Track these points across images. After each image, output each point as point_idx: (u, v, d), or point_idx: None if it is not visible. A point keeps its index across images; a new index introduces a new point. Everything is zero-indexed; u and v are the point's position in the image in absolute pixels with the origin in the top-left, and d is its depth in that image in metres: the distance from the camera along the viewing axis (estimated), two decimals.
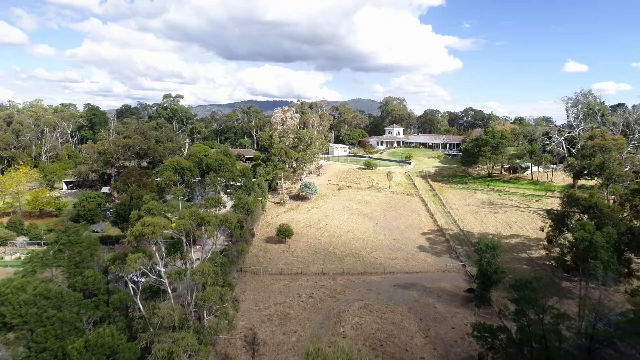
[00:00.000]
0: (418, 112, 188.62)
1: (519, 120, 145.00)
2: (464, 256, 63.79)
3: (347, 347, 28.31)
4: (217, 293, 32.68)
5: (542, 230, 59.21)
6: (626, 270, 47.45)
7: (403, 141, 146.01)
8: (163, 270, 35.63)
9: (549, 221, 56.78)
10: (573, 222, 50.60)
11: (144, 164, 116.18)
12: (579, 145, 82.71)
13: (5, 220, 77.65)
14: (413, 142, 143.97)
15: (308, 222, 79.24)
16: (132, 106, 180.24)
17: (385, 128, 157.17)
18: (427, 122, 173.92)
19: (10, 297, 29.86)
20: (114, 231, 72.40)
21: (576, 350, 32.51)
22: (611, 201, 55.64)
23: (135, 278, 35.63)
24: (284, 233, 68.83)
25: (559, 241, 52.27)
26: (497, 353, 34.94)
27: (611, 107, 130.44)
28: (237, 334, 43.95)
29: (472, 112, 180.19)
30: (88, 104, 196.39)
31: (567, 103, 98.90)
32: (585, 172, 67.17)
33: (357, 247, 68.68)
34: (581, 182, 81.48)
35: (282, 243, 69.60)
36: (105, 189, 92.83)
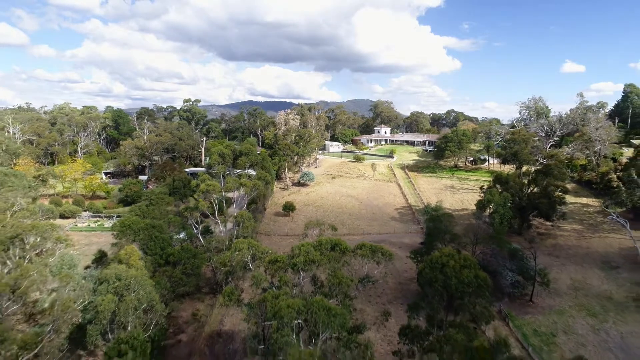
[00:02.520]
0: (407, 113, 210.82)
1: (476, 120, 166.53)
2: (423, 223, 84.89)
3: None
4: (251, 226, 53.73)
5: None
6: (526, 224, 68.70)
7: (390, 139, 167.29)
8: (217, 215, 56.75)
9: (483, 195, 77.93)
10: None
11: (165, 158, 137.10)
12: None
13: (69, 200, 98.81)
14: (398, 140, 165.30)
15: (307, 202, 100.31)
16: (149, 108, 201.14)
17: (375, 128, 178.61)
18: (413, 123, 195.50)
19: (132, 225, 50.95)
20: None
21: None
22: (526, 180, 76.83)
23: (198, 221, 56.71)
24: (288, 208, 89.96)
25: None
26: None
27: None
28: None
29: (453, 114, 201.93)
30: (109, 106, 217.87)
31: (520, 107, 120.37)
32: (507, 158, 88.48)
33: (344, 218, 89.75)
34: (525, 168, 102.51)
35: (287, 216, 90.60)
36: (141, 177, 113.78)
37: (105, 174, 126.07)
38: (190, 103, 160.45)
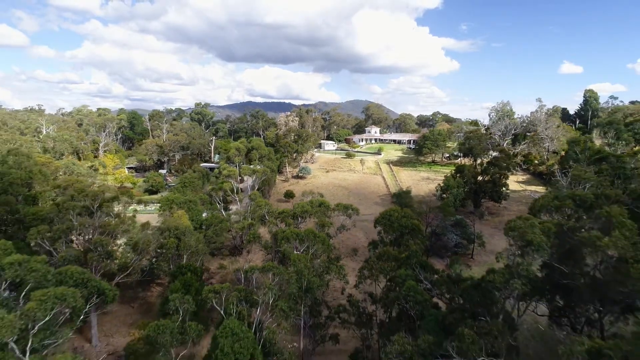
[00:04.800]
0: (396, 114, 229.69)
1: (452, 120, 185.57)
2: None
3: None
4: (261, 200, 71.63)
5: None
6: (478, 205, 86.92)
7: (379, 138, 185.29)
8: (235, 194, 74.72)
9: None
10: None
11: (180, 155, 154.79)
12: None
13: None
14: (387, 139, 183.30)
15: (304, 191, 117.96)
16: (160, 110, 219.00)
17: (366, 128, 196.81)
18: (401, 123, 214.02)
19: (175, 200, 68.90)
20: None
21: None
22: (479, 170, 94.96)
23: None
24: (289, 195, 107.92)
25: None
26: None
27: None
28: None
29: (439, 115, 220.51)
30: (121, 109, 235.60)
31: (490, 110, 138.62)
32: (465, 153, 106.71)
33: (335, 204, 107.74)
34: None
35: (288, 202, 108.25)
36: (161, 171, 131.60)
37: (128, 168, 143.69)
38: (201, 106, 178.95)
